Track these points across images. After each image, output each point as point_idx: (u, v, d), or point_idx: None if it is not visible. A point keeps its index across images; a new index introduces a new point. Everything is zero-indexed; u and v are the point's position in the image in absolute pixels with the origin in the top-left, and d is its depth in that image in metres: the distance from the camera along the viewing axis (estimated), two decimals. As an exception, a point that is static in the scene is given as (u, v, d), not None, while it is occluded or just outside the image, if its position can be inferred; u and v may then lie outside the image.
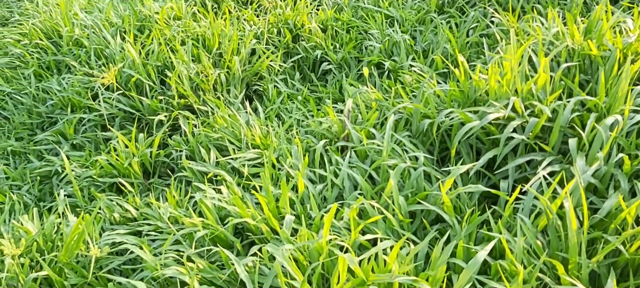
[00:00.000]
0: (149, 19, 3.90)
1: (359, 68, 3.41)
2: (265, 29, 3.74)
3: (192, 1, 4.22)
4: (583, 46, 2.33)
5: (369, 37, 3.56)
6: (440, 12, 3.65)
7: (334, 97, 3.21)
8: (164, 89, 3.28)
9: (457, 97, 2.39)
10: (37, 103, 3.46)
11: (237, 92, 3.32)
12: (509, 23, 2.88)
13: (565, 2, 3.05)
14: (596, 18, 2.51)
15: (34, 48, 3.93)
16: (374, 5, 3.95)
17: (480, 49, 3.02)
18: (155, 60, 3.37)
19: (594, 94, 2.19)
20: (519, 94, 2.17)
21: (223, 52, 3.47)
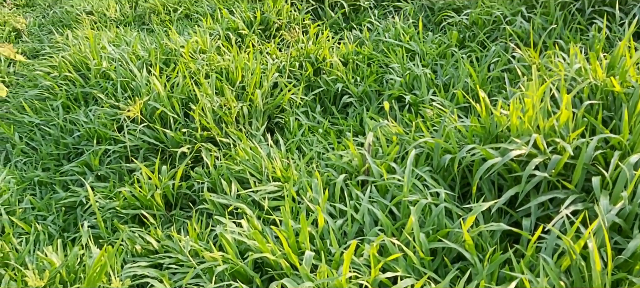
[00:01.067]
0: (174, 52, 3.99)
1: (379, 101, 3.43)
2: (287, 63, 3.79)
3: (216, 35, 4.32)
4: (606, 83, 2.31)
5: (389, 70, 3.59)
6: (461, 47, 3.66)
7: (354, 130, 3.22)
8: (188, 121, 3.33)
9: (479, 132, 2.39)
10: (64, 134, 3.55)
11: (258, 124, 3.35)
12: (530, 58, 2.88)
13: (587, 37, 3.04)
14: (619, 54, 2.50)
15: (62, 80, 4.04)
16: (395, 39, 3.98)
17: (502, 84, 3.01)
18: (179, 93, 3.44)
19: (618, 132, 2.17)
20: (541, 130, 2.15)
21: (246, 85, 3.52)
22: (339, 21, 4.76)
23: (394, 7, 4.81)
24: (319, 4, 4.87)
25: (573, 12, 3.25)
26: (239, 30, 4.38)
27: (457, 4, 4.24)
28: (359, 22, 4.71)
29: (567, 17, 3.25)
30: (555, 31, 3.17)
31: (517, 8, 3.54)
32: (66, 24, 5.98)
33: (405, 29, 4.06)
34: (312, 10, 4.82)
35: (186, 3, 5.79)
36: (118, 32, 5.16)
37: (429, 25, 4.31)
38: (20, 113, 3.91)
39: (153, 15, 5.78)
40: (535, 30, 3.27)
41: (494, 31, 3.59)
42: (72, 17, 6.02)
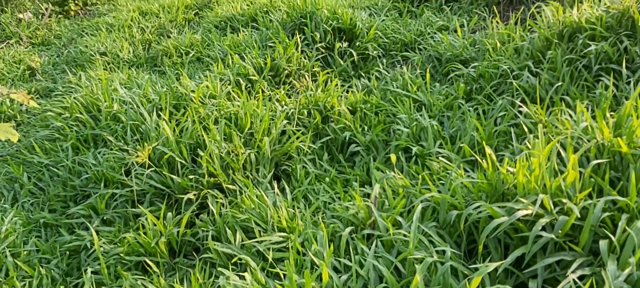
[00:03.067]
0: (184, 96, 4.05)
1: (386, 151, 3.44)
2: (296, 110, 3.83)
3: (227, 80, 4.38)
4: (613, 143, 2.31)
5: (397, 120, 3.61)
6: (468, 99, 3.69)
7: (361, 180, 3.22)
8: (195, 167, 3.35)
9: (485, 188, 2.38)
10: (73, 176, 3.57)
11: (265, 171, 3.37)
12: (537, 115, 2.89)
13: (594, 94, 3.05)
14: (626, 113, 2.50)
15: (73, 121, 4.09)
16: (403, 89, 4.02)
17: (508, 139, 3.02)
18: (188, 138, 3.47)
19: (625, 193, 2.15)
20: (548, 190, 2.14)
21: (254, 131, 3.55)
22: (348, 69, 4.82)
23: (402, 56, 4.87)
24: (328, 52, 4.95)
25: (580, 68, 3.28)
26: (249, 76, 4.44)
27: (464, 55, 4.29)
28: (368, 70, 4.77)
29: (574, 74, 3.28)
30: (562, 87, 3.19)
31: (524, 63, 3.57)
32: (80, 64, 6.10)
33: (412, 79, 4.11)
34: (322, 58, 4.89)
35: (198, 46, 5.91)
36: (130, 74, 5.25)
37: (436, 76, 4.35)
38: (30, 153, 3.95)
39: (165, 57, 5.89)
40: (542, 86, 3.29)
41: (501, 85, 3.61)
42: (86, 57, 6.15)
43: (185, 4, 7.83)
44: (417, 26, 5.23)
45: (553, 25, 3.68)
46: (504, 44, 4.03)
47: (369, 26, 5.18)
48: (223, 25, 6.53)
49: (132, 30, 6.96)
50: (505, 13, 5.13)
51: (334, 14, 5.17)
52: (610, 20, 3.37)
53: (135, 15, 7.55)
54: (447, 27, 5.15)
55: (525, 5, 4.97)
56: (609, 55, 3.22)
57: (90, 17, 8.70)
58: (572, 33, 3.52)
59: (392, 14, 5.82)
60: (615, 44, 3.26)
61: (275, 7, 6.20)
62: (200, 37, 6.11)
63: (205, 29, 6.58)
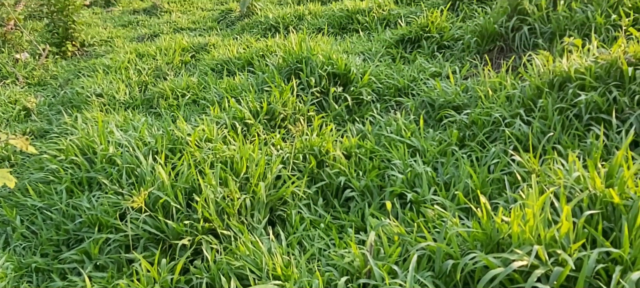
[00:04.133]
0: (180, 140, 4.07)
1: (381, 197, 3.46)
2: (291, 155, 3.86)
3: (223, 124, 4.41)
4: (605, 193, 2.35)
5: (391, 166, 3.64)
6: (461, 145, 3.74)
7: (356, 226, 3.23)
8: (190, 211, 3.35)
9: (480, 238, 2.40)
10: (66, 219, 3.55)
11: (260, 216, 3.37)
12: (529, 164, 2.93)
13: (585, 143, 3.11)
14: (617, 164, 2.55)
15: (68, 164, 4.09)
16: (397, 134, 4.07)
17: (502, 186, 3.05)
18: (183, 183, 3.48)
19: (618, 244, 2.18)
20: (542, 240, 2.17)
21: (250, 176, 3.57)
22: (343, 113, 4.88)
23: (396, 101, 4.95)
24: (323, 96, 5.01)
25: (570, 117, 3.34)
26: (245, 119, 4.48)
27: (456, 102, 4.36)
28: (362, 115, 4.83)
29: (565, 122, 3.34)
30: (553, 136, 3.25)
31: (516, 111, 3.64)
32: (76, 105, 6.13)
33: (406, 125, 4.16)
34: (317, 102, 4.95)
35: (195, 89, 5.97)
36: (126, 116, 5.28)
37: (430, 122, 4.41)
38: (23, 196, 3.94)
39: (161, 99, 5.93)
40: (534, 134, 3.35)
41: (493, 132, 3.67)
42: (82, 98, 6.18)
43: (182, 47, 7.93)
44: (410, 72, 5.33)
45: (543, 74, 3.77)
46: (496, 92, 4.11)
47: (363, 71, 5.27)
48: (219, 68, 6.62)
49: (129, 71, 7.02)
50: (496, 61, 5.25)
51: (328, 59, 5.26)
52: (599, 70, 3.46)
53: (132, 57, 7.64)
54: (440, 73, 5.24)
55: (515, 53, 5.08)
56: (599, 105, 3.29)
57: (88, 58, 8.79)
58: (562, 82, 3.60)
59: (385, 59, 5.93)
60: (604, 94, 3.33)
61: (271, 51, 6.31)
62: (196, 79, 6.18)
63: (202, 71, 6.66)
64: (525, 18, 5.17)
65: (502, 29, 5.32)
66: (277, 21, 8.60)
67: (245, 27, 9.01)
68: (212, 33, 9.32)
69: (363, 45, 6.60)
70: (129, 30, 10.68)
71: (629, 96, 3.25)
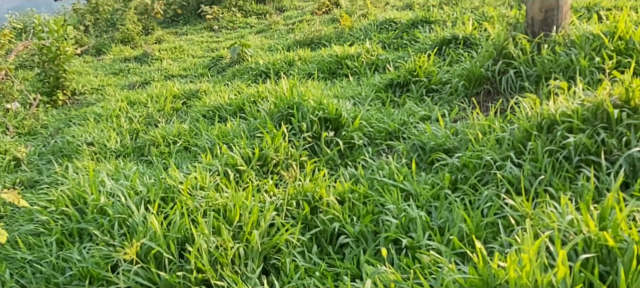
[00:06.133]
0: (172, 188, 4.05)
1: (376, 242, 3.44)
2: (285, 201, 3.85)
3: (215, 171, 4.41)
4: (599, 236, 2.36)
5: (385, 211, 3.64)
6: (454, 189, 3.75)
7: (351, 274, 3.20)
8: (183, 262, 3.31)
9: (477, 284, 2.39)
10: (56, 272, 3.49)
11: (254, 266, 3.33)
12: (523, 207, 2.95)
13: (576, 186, 3.14)
14: (609, 206, 2.57)
15: (59, 215, 4.05)
16: (389, 178, 4.08)
17: (496, 230, 3.06)
18: (176, 232, 3.45)
19: (616, 287, 2.18)
20: (540, 285, 2.16)
21: (243, 224, 3.55)
22: (335, 158, 4.90)
23: (387, 145, 4.98)
24: (315, 141, 5.04)
25: (560, 160, 3.38)
26: (238, 166, 4.48)
27: (447, 145, 4.40)
28: (354, 159, 4.85)
29: (555, 165, 3.38)
30: (544, 179, 3.28)
31: (506, 153, 3.68)
32: (66, 154, 6.10)
33: (398, 168, 4.18)
34: (309, 147, 4.98)
35: (186, 136, 5.98)
36: (117, 165, 5.26)
37: (422, 165, 4.44)
38: (13, 248, 3.87)
39: (153, 147, 5.93)
40: (525, 177, 3.38)
41: (485, 175, 3.70)
42: (73, 147, 6.16)
43: (173, 94, 7.98)
44: (400, 116, 5.39)
45: (532, 117, 3.83)
46: (486, 135, 4.16)
47: (354, 116, 5.32)
48: (211, 114, 6.65)
49: (120, 119, 7.03)
50: (484, 103, 5.33)
51: (320, 104, 5.32)
52: (586, 113, 3.52)
53: (123, 105, 7.66)
54: (429, 116, 5.31)
55: (503, 96, 5.17)
56: (588, 147, 3.34)
57: (78, 106, 8.80)
58: (550, 125, 3.66)
59: (375, 103, 6.01)
60: (592, 136, 3.39)
61: (263, 97, 6.36)
62: (188, 126, 6.20)
63: (193, 118, 6.68)
64: (511, 62, 5.28)
65: (489, 73, 5.43)
66: (268, 67, 8.71)
67: (236, 73, 9.10)
68: (203, 80, 9.40)
69: (353, 89, 6.69)
70: (120, 78, 10.74)
71: (617, 138, 3.30)
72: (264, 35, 12.91)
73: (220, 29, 14.82)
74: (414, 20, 9.44)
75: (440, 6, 10.63)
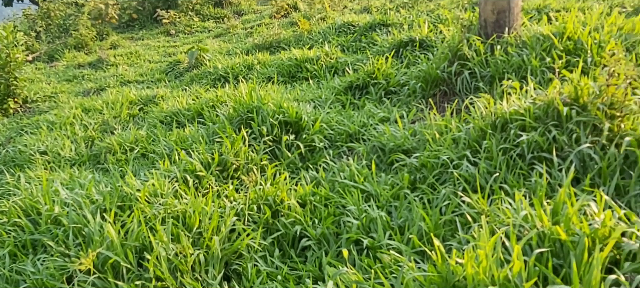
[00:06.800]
0: (129, 196, 3.97)
1: (338, 244, 3.46)
2: (245, 206, 3.82)
3: (173, 177, 4.34)
4: (552, 231, 2.44)
5: (346, 212, 3.66)
6: (413, 189, 3.81)
7: (314, 276, 3.21)
8: (141, 271, 3.24)
9: (436, 281, 2.43)
10: (9, 286, 3.37)
11: (215, 272, 3.30)
12: (479, 205, 3.02)
13: (529, 182, 3.23)
14: (561, 201, 2.66)
15: (11, 226, 3.90)
16: (350, 179, 4.11)
17: (454, 228, 3.12)
18: (134, 241, 3.37)
19: (569, 280, 2.25)
20: (496, 280, 2.22)
21: (203, 230, 3.50)
22: (296, 161, 4.90)
23: (348, 147, 5.02)
24: (276, 144, 5.03)
25: (514, 157, 3.48)
26: (197, 171, 4.42)
27: (406, 146, 4.47)
28: (315, 161, 4.86)
29: (510, 162, 3.47)
30: (499, 176, 3.36)
31: (462, 152, 3.76)
32: (18, 164, 5.89)
33: (359, 170, 4.21)
34: (270, 151, 4.96)
35: (143, 142, 5.86)
36: (72, 174, 5.11)
37: (382, 166, 4.48)
38: (-39, 263, 3.71)
39: (109, 154, 5.79)
40: (481, 175, 3.46)
41: (443, 174, 3.76)
42: (25, 157, 5.96)
43: (130, 100, 7.82)
44: (360, 118, 5.44)
45: (486, 116, 3.92)
46: (442, 135, 4.24)
47: (315, 119, 5.33)
48: (169, 120, 6.55)
49: (74, 127, 6.84)
50: (440, 104, 5.43)
51: (279, 107, 5.31)
52: (538, 111, 3.63)
53: (77, 112, 7.46)
54: (388, 118, 5.37)
55: (459, 97, 5.28)
56: (540, 144, 3.44)
57: (31, 114, 8.51)
58: (504, 124, 3.76)
59: (335, 106, 6.04)
60: (544, 133, 3.49)
61: (222, 101, 6.31)
62: (145, 132, 6.08)
63: (151, 124, 6.57)
64: (466, 63, 5.40)
65: (445, 74, 5.53)
66: (227, 71, 8.64)
67: (194, 78, 8.99)
68: (160, 85, 9.24)
69: (313, 92, 6.70)
70: (74, 85, 10.45)
71: (567, 135, 3.42)
72: (222, 39, 12.81)
73: (177, 33, 14.62)
74: (371, 23, 9.54)
75: (396, 9, 10.79)
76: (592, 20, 5.29)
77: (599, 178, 3.14)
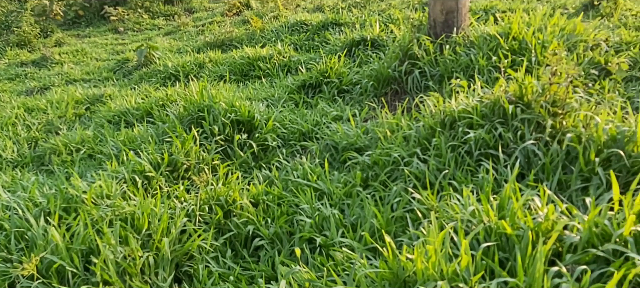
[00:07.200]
0: (75, 198, 3.83)
1: (291, 243, 3.45)
2: (196, 207, 3.76)
3: (121, 178, 4.22)
4: (498, 225, 2.51)
5: (299, 211, 3.66)
6: (365, 186, 3.84)
7: (266, 276, 3.19)
8: (88, 275, 3.14)
9: (388, 277, 2.46)
10: (-56, 296, 3.19)
11: (165, 274, 3.23)
12: (428, 201, 3.08)
13: (477, 178, 3.32)
14: (506, 196, 2.74)
15: (-54, 233, 3.70)
16: (303, 178, 4.11)
17: (405, 224, 3.17)
18: (80, 244, 3.26)
19: (514, 272, 2.32)
20: (445, 275, 2.26)
21: (152, 232, 3.42)
22: (249, 160, 4.86)
23: (301, 146, 5.01)
24: (228, 144, 4.97)
25: (462, 154, 3.56)
26: (146, 172, 4.32)
27: (358, 144, 4.50)
28: (268, 161, 4.83)
29: (458, 159, 3.55)
30: (448, 173, 3.44)
31: (413, 150, 3.82)
32: (-46, 167, 5.59)
33: (312, 168, 4.22)
34: (222, 151, 4.90)
35: (90, 143, 5.67)
36: (14, 176, 4.90)
37: (335, 164, 4.51)
38: None
39: (54, 155, 5.57)
40: (430, 171, 3.53)
41: (394, 171, 3.81)
42: (-38, 159, 5.66)
43: (76, 99, 7.56)
44: (313, 116, 5.45)
45: (435, 114, 4.00)
46: (394, 133, 4.30)
47: (267, 117, 5.30)
48: (117, 119, 6.36)
49: (16, 128, 6.56)
50: (392, 103, 5.51)
51: (231, 106, 5.25)
52: (485, 109, 3.74)
53: (20, 112, 7.15)
54: (341, 116, 5.40)
55: (409, 95, 5.37)
56: (487, 141, 3.54)
57: (-33, 115, 8.10)
58: (452, 121, 3.84)
59: (288, 105, 6.03)
60: (490, 130, 3.59)
61: (172, 100, 6.18)
62: (92, 133, 5.89)
63: (98, 124, 6.36)
64: (416, 62, 5.49)
65: (396, 73, 5.61)
66: (177, 70, 8.48)
67: (144, 76, 8.78)
68: (108, 84, 8.98)
69: (266, 91, 6.67)
70: (16, 84, 10.01)
71: (513, 132, 3.53)
72: (173, 37, 12.57)
73: (126, 30, 14.24)
74: (324, 22, 9.58)
75: (349, 9, 10.86)
76: (536, 21, 5.48)
77: (543, 173, 3.25)
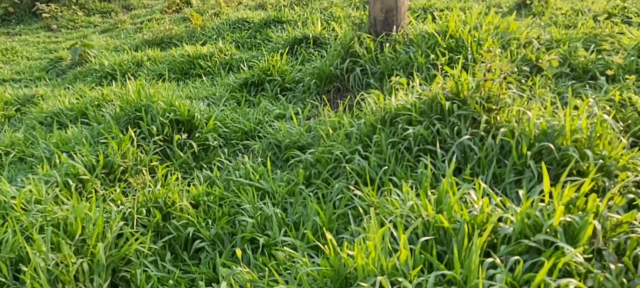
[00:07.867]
0: (3, 204, 3.63)
1: (232, 244, 3.40)
2: (134, 210, 3.64)
3: (54, 182, 4.03)
4: (436, 219, 2.56)
5: (241, 211, 3.61)
6: (308, 184, 3.84)
7: (207, 278, 3.13)
8: (17, 284, 2.98)
9: (329, 274, 2.46)
10: None
11: (101, 281, 3.10)
12: (369, 197, 3.10)
13: (416, 174, 3.38)
14: (444, 190, 2.80)
15: None
16: (246, 178, 4.06)
17: (347, 221, 3.18)
18: (8, 252, 3.09)
19: (452, 266, 2.37)
20: (385, 270, 2.28)
21: (87, 237, 3.28)
22: (189, 161, 4.75)
23: (243, 145, 4.95)
24: (167, 144, 4.84)
25: (402, 150, 3.62)
26: (80, 175, 4.14)
27: (301, 142, 4.49)
28: (209, 161, 4.74)
29: (398, 155, 3.60)
30: (389, 169, 3.48)
31: (355, 147, 3.85)
32: None
33: (254, 168, 4.17)
34: (161, 151, 4.76)
35: (20, 145, 5.39)
36: None
37: (278, 163, 4.48)
38: None
39: (-21, 160, 5.26)
40: (371, 168, 3.56)
41: (336, 169, 3.83)
42: None
43: (5, 100, 7.16)
44: (256, 115, 5.39)
45: (376, 112, 4.05)
46: (336, 130, 4.31)
47: (208, 116, 5.21)
48: (49, 121, 6.07)
49: (-64, 131, 6.14)
50: (334, 100, 5.53)
51: (170, 106, 5.12)
52: (423, 106, 3.81)
53: (-60, 114, 6.71)
54: (284, 115, 5.38)
55: (351, 93, 5.41)
56: (425, 137, 3.61)
57: None
58: (392, 118, 3.89)
59: (230, 103, 5.94)
60: (429, 127, 3.67)
61: (108, 100, 5.96)
62: (22, 135, 5.60)
63: (29, 126, 6.05)
64: (357, 60, 5.54)
65: (338, 71, 5.64)
66: (114, 68, 8.19)
67: (78, 75, 8.44)
68: (40, 84, 8.57)
69: (207, 90, 6.55)
70: (-63, 84, 9.39)
71: (450, 128, 3.61)
72: (110, 35, 12.14)
73: (59, 28, 13.63)
74: (266, 20, 9.51)
75: (291, 6, 10.83)
76: (472, 20, 5.64)
77: (478, 167, 3.34)
